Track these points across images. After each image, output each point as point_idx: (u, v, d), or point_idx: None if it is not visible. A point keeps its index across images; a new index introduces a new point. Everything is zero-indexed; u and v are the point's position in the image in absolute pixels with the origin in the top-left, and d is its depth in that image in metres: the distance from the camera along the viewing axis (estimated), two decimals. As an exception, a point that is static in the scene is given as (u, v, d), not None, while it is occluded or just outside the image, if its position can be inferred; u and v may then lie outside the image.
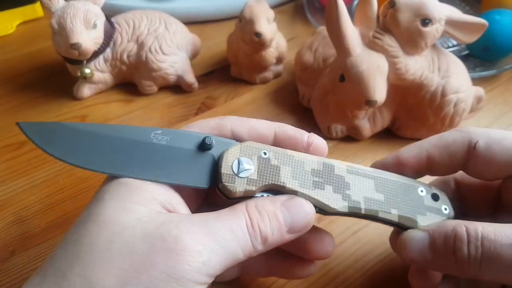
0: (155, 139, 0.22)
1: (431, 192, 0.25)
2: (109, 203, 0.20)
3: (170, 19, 0.44)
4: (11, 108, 0.44)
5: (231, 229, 0.20)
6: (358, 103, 0.35)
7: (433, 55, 0.36)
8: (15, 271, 0.30)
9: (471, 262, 0.21)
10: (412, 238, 0.23)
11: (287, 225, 0.21)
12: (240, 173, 0.22)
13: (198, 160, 0.22)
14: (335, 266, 0.30)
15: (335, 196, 0.23)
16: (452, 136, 0.25)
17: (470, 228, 0.21)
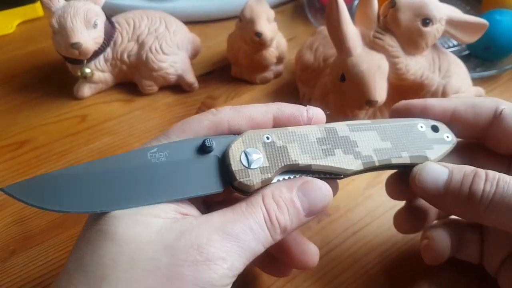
0: (154, 159, 0.21)
1: (430, 124, 0.25)
2: (122, 219, 0.19)
3: (171, 18, 0.44)
4: (11, 107, 0.44)
5: (250, 229, 0.19)
6: (359, 103, 0.35)
7: (434, 55, 0.36)
8: (15, 271, 0.30)
9: (483, 199, 0.21)
10: (431, 169, 0.23)
11: (305, 210, 0.21)
12: (251, 164, 0.21)
13: (203, 165, 0.21)
14: (335, 266, 0.30)
15: (347, 158, 0.23)
16: (482, 99, 0.25)
17: (489, 171, 0.21)
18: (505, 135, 0.24)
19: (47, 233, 0.32)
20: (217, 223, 0.19)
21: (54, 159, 0.38)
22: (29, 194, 0.19)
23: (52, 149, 0.39)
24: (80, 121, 0.42)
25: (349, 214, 0.26)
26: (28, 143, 0.40)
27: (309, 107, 0.24)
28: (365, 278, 0.29)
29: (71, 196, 0.19)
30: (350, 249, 0.31)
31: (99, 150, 0.39)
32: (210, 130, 0.22)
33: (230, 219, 0.20)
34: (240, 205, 0.20)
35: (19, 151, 0.39)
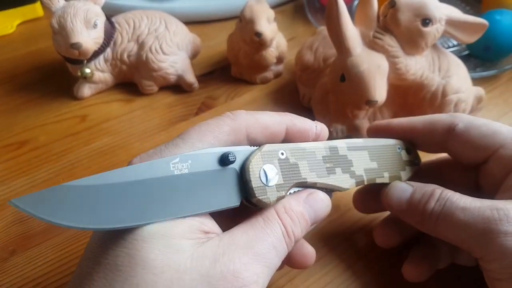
0: (176, 170, 0.20)
1: (405, 147, 0.28)
2: (151, 243, 0.18)
3: (171, 19, 0.44)
4: (11, 108, 0.44)
5: (273, 246, 0.20)
6: (359, 103, 0.35)
7: (434, 55, 0.36)
8: (15, 271, 0.30)
9: (431, 216, 0.24)
10: (397, 188, 0.26)
11: (311, 220, 0.23)
12: (269, 182, 0.21)
13: (222, 178, 0.21)
14: (335, 266, 0.30)
15: (345, 177, 0.25)
16: (439, 115, 0.28)
17: (444, 191, 0.24)
18: (462, 147, 0.26)
19: (47, 233, 0.32)
20: (243, 243, 0.20)
21: (54, 159, 0.38)
22: (42, 207, 0.17)
23: (52, 149, 0.39)
24: (80, 121, 0.42)
25: (349, 214, 0.26)
26: (28, 143, 0.40)
27: (317, 122, 0.25)
28: (365, 278, 0.29)
29: (88, 211, 0.18)
30: (350, 249, 0.31)
31: (99, 150, 0.39)
32: (229, 136, 0.22)
33: (253, 237, 0.20)
34: (257, 220, 0.21)
35: (19, 151, 0.39)
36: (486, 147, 0.25)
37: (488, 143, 0.25)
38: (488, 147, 0.25)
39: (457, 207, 0.23)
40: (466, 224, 0.22)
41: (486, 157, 0.26)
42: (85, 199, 0.18)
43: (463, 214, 0.23)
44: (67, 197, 0.18)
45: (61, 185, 0.18)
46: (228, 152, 0.21)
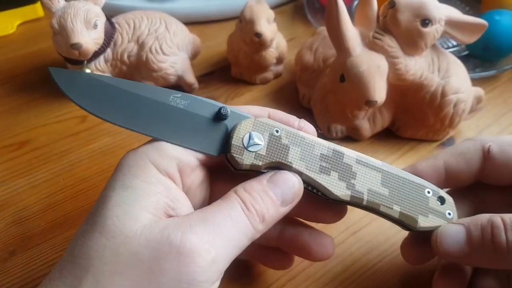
0: (174, 102, 0.23)
1: (438, 194, 0.25)
2: (113, 211, 0.19)
3: (171, 19, 0.44)
4: (11, 108, 0.44)
5: (229, 217, 0.20)
6: (358, 103, 0.35)
7: (433, 55, 0.36)
8: (15, 271, 0.30)
9: (510, 248, 0.21)
10: (447, 231, 0.23)
11: (279, 198, 0.22)
12: (249, 147, 0.22)
13: (212, 128, 0.23)
14: (334, 266, 0.30)
15: (339, 184, 0.24)
16: (465, 144, 0.26)
17: (505, 217, 0.21)
18: (502, 168, 0.25)
19: (47, 234, 0.32)
20: (199, 217, 0.20)
21: (54, 159, 0.38)
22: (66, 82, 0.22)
23: (53, 150, 0.39)
24: (81, 122, 0.42)
25: (349, 214, 0.26)
26: (29, 144, 0.40)
27: (302, 120, 0.25)
28: (365, 278, 0.29)
29: (99, 99, 0.22)
30: (350, 248, 0.31)
31: (100, 150, 0.39)
32: None
33: (210, 212, 0.20)
34: (217, 201, 0.21)
35: (20, 152, 0.39)
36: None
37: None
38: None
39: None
40: None
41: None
42: (96, 90, 0.23)
43: None
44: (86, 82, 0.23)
45: (88, 73, 0.24)
46: (222, 107, 0.23)
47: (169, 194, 0.21)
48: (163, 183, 0.21)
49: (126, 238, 0.18)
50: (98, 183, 0.36)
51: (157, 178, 0.21)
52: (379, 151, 0.39)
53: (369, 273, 0.29)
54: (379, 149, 0.39)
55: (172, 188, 0.21)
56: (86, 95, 0.22)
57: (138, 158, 0.21)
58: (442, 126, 0.38)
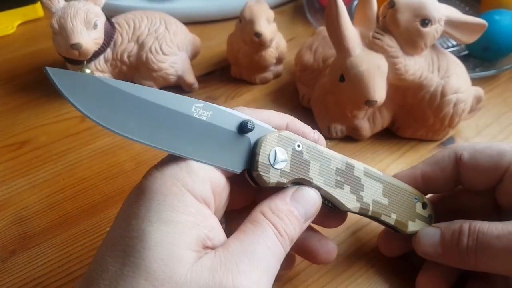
0: (196, 113, 0.21)
1: (422, 200, 0.28)
2: (157, 252, 0.18)
3: (171, 19, 0.44)
4: (11, 108, 0.44)
5: (267, 247, 0.20)
6: (358, 103, 0.35)
7: (433, 55, 0.36)
8: (16, 271, 0.30)
9: (469, 252, 0.23)
10: (426, 234, 0.26)
11: (303, 216, 0.22)
12: (275, 164, 0.21)
13: (236, 143, 0.21)
14: (334, 266, 0.30)
15: (351, 197, 0.24)
16: (440, 153, 0.28)
17: (472, 224, 0.24)
18: (473, 174, 0.27)
19: (47, 233, 0.32)
20: (238, 250, 0.20)
21: (54, 159, 0.38)
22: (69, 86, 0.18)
23: (53, 149, 0.39)
24: (80, 122, 0.42)
25: (349, 214, 0.26)
26: (29, 143, 0.40)
27: (316, 131, 0.25)
28: (365, 278, 0.29)
29: (113, 110, 0.19)
30: (349, 248, 0.31)
31: (100, 150, 0.39)
32: None
33: (246, 242, 0.20)
34: (246, 226, 0.21)
35: (20, 151, 0.39)
36: (497, 168, 0.26)
37: (497, 163, 0.25)
38: (499, 167, 0.25)
39: (491, 236, 0.23)
40: (506, 251, 0.22)
41: (499, 177, 0.26)
42: (109, 97, 0.19)
43: (500, 242, 0.22)
44: (95, 87, 0.19)
45: (95, 76, 0.19)
46: (248, 120, 0.21)
47: (207, 224, 0.20)
48: (201, 212, 0.20)
49: (177, 285, 0.17)
50: (98, 183, 0.36)
51: (195, 208, 0.19)
52: (379, 151, 0.39)
53: (369, 273, 0.29)
54: (379, 149, 0.39)
55: (208, 215, 0.20)
56: (97, 104, 0.19)
57: (171, 184, 0.19)
58: (441, 126, 0.38)
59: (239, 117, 0.22)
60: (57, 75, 0.18)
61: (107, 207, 0.34)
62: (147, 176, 0.20)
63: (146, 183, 0.20)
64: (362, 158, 0.38)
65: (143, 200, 0.19)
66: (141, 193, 0.19)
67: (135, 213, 0.19)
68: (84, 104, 0.19)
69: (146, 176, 0.20)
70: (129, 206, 0.20)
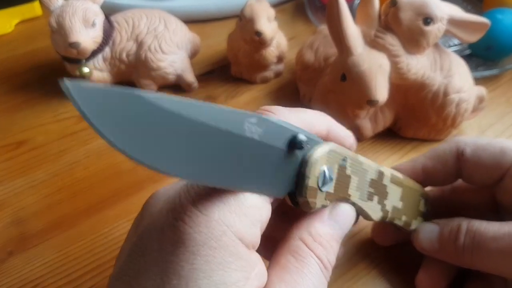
0: (248, 132, 0.16)
1: (425, 197, 0.28)
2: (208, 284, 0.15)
3: (170, 18, 0.44)
4: (9, 107, 0.43)
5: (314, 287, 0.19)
6: (360, 102, 0.35)
7: (435, 54, 0.36)
8: (14, 272, 0.29)
9: (465, 251, 0.24)
10: (424, 229, 0.26)
11: (340, 238, 0.21)
12: (323, 186, 0.19)
13: (284, 162, 0.18)
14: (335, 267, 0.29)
15: (377, 207, 0.23)
16: (442, 147, 0.28)
17: (470, 223, 0.24)
18: (474, 170, 0.26)
19: (45, 234, 0.32)
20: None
21: (52, 159, 0.38)
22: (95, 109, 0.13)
23: (51, 149, 0.39)
24: (79, 121, 0.41)
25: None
26: (26, 143, 0.39)
27: (351, 134, 0.24)
28: (365, 280, 0.29)
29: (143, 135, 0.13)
30: (350, 250, 0.31)
31: (98, 150, 0.38)
32: None
33: (293, 284, 0.18)
34: (288, 260, 0.19)
35: (17, 151, 0.39)
36: (499, 166, 0.25)
37: (500, 162, 0.25)
38: (501, 165, 0.25)
39: (487, 237, 0.23)
40: (501, 252, 0.22)
41: (500, 176, 0.25)
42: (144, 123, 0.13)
43: (495, 243, 0.22)
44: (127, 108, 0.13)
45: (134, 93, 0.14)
46: (301, 139, 0.18)
47: (256, 273, 0.17)
48: (251, 263, 0.17)
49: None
50: (96, 183, 0.36)
51: (247, 259, 0.16)
52: (381, 151, 0.39)
53: (370, 275, 0.29)
54: (381, 149, 0.39)
55: (258, 263, 0.17)
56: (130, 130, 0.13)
57: (221, 233, 0.16)
58: (444, 126, 0.38)
59: (289, 130, 0.18)
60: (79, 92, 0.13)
61: (105, 208, 0.34)
62: (186, 219, 0.16)
63: (187, 230, 0.15)
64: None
65: (185, 254, 0.15)
66: (181, 243, 0.15)
67: (175, 270, 0.15)
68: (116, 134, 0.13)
69: (185, 219, 0.16)
70: (166, 255, 0.16)
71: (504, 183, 0.25)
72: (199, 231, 0.15)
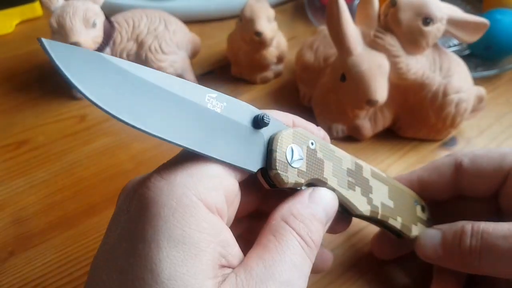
0: (210, 104, 0.18)
1: (421, 204, 0.27)
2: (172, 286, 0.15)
3: (170, 18, 0.44)
4: (10, 107, 0.43)
5: (295, 267, 0.18)
6: (359, 102, 0.35)
7: (435, 54, 0.36)
8: (14, 271, 0.30)
9: (472, 253, 0.23)
10: (426, 236, 0.25)
11: (324, 219, 0.20)
12: (293, 162, 0.20)
13: (250, 138, 0.19)
14: (335, 267, 0.30)
15: (363, 199, 0.23)
16: (440, 160, 0.28)
17: (475, 225, 0.23)
18: (474, 179, 0.26)
19: (46, 234, 0.32)
20: (262, 274, 0.17)
21: (53, 159, 0.38)
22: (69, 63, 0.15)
23: (51, 149, 0.39)
24: (79, 121, 0.41)
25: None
26: (27, 143, 0.39)
27: (321, 129, 0.24)
28: (365, 279, 0.29)
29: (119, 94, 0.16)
30: (350, 250, 0.31)
31: (98, 150, 0.39)
32: None
33: (270, 262, 0.18)
34: (268, 239, 0.19)
35: (18, 151, 0.39)
36: (500, 170, 0.25)
37: (500, 165, 0.25)
38: (502, 169, 0.25)
39: (497, 237, 0.22)
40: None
41: (502, 180, 0.25)
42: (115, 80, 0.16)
43: (506, 242, 0.21)
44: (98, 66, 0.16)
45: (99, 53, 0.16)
46: (264, 114, 0.19)
47: (221, 240, 0.17)
48: (214, 226, 0.17)
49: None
50: (97, 183, 0.36)
51: (209, 222, 0.17)
52: (380, 151, 0.39)
53: (370, 274, 0.29)
54: (380, 149, 0.39)
55: (222, 229, 0.18)
56: (102, 86, 0.16)
57: (181, 194, 0.16)
58: (443, 126, 0.38)
59: (253, 111, 0.20)
60: (55, 49, 0.15)
61: (106, 208, 0.34)
62: (149, 185, 0.17)
63: (150, 194, 0.17)
64: (363, 158, 0.38)
65: (148, 217, 0.16)
66: (145, 208, 0.16)
67: (141, 235, 0.16)
68: (86, 86, 0.15)
69: (148, 185, 0.17)
70: (132, 223, 0.17)
71: (507, 187, 0.25)
72: (160, 194, 0.16)
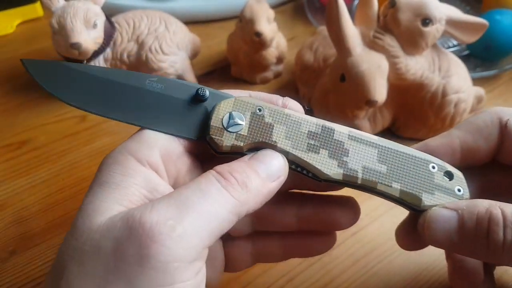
0: (150, 86, 0.22)
1: (445, 169, 0.22)
2: (85, 210, 0.18)
3: (170, 18, 0.44)
4: (11, 108, 0.43)
5: (199, 189, 0.18)
6: (359, 103, 0.35)
7: (434, 55, 0.36)
8: (15, 271, 0.30)
9: (506, 248, 0.18)
10: (438, 216, 0.20)
11: (263, 172, 0.20)
12: (229, 127, 0.21)
13: (191, 111, 0.22)
14: (335, 267, 0.30)
15: (330, 162, 0.22)
16: (481, 118, 0.23)
17: (506, 210, 0.19)
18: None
19: (47, 233, 0.32)
20: (164, 196, 0.18)
21: (54, 159, 0.38)
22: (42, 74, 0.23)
23: (52, 149, 0.39)
24: (80, 121, 0.42)
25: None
26: (28, 143, 0.40)
27: (287, 98, 0.23)
28: (365, 279, 0.29)
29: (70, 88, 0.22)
30: (350, 249, 0.31)
31: (99, 150, 0.39)
32: None
33: (180, 189, 0.18)
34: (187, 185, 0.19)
35: (19, 151, 0.39)
36: None
37: None
38: None
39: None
40: None
41: None
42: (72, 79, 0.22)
43: None
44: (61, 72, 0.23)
45: (60, 62, 0.23)
46: (199, 88, 0.22)
47: (148, 185, 0.19)
48: (141, 174, 0.19)
49: (90, 234, 0.17)
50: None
51: (134, 169, 0.19)
52: (380, 151, 0.39)
53: (369, 274, 0.29)
54: (380, 149, 0.39)
55: (152, 178, 0.20)
56: (62, 84, 0.22)
57: (117, 153, 0.20)
58: (442, 126, 0.38)
59: (193, 87, 0.22)
60: (31, 65, 0.23)
61: (106, 207, 0.34)
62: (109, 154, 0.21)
63: (102, 160, 0.20)
64: (363, 158, 0.38)
65: (95, 176, 0.20)
66: (97, 170, 0.20)
67: (89, 193, 0.19)
68: (50, 85, 0.23)
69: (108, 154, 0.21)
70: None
71: None
72: (107, 158, 0.20)
